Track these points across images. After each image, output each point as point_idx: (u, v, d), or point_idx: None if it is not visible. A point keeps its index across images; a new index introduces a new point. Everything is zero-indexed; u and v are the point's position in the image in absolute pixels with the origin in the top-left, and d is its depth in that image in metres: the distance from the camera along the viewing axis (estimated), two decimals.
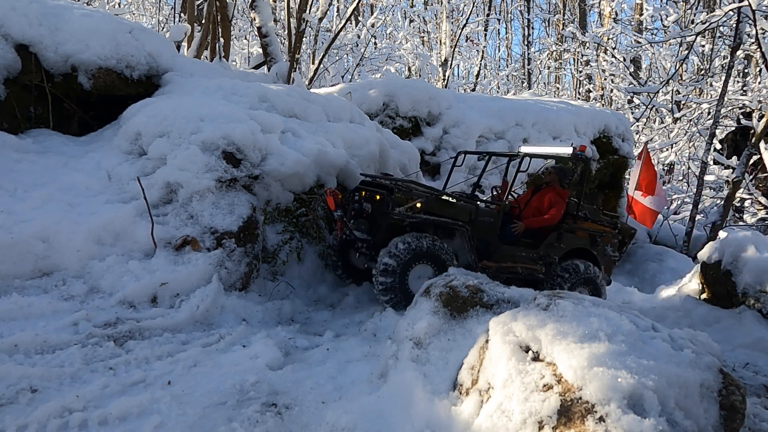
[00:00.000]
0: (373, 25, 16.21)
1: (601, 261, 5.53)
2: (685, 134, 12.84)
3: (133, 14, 17.75)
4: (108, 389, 2.83)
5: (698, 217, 10.54)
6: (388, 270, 4.37)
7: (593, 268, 5.37)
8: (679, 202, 12.54)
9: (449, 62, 16.58)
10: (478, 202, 5.16)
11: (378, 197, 4.73)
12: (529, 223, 5.24)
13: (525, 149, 5.55)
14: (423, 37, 21.02)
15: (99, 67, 5.31)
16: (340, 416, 2.81)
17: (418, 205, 4.60)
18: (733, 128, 12.21)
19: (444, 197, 4.89)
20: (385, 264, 4.38)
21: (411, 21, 19.58)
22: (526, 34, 22.11)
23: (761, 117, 9.68)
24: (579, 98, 19.14)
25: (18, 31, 4.97)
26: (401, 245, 4.41)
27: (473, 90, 18.44)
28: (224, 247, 4.33)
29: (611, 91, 17.74)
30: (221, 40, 9.74)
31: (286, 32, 11.80)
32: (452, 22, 17.72)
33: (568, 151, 5.11)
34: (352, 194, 5.05)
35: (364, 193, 4.92)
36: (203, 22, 9.43)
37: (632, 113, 14.81)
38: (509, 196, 5.48)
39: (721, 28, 11.11)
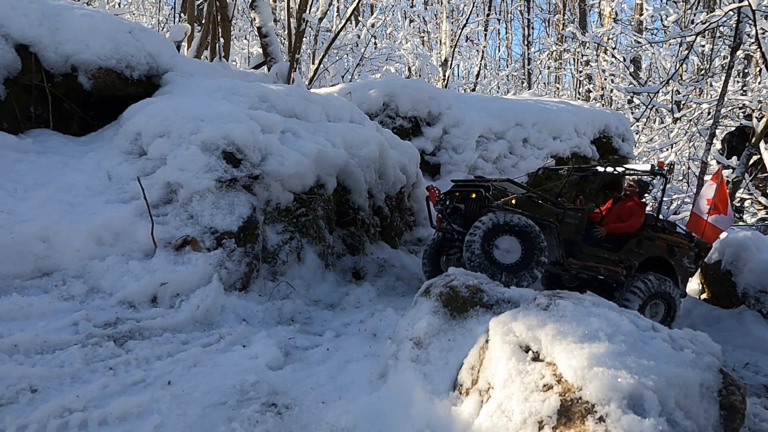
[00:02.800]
0: (373, 25, 16.20)
1: (678, 271, 5.69)
2: (685, 134, 12.82)
3: (133, 14, 17.74)
4: (108, 389, 2.83)
5: None
6: (472, 239, 4.71)
7: (669, 282, 5.45)
8: (679, 202, 12.52)
9: (449, 62, 16.57)
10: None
11: (473, 195, 5.19)
12: (610, 228, 5.60)
13: (607, 168, 5.92)
14: (423, 37, 21.00)
15: (99, 67, 5.31)
16: (340, 416, 2.81)
17: (514, 201, 5.04)
18: (731, 129, 12.20)
19: (534, 198, 5.34)
20: (470, 233, 4.75)
21: (411, 21, 19.56)
22: (526, 34, 22.11)
23: (761, 117, 9.67)
24: (579, 98, 19.13)
25: (18, 31, 4.96)
26: (485, 217, 4.80)
27: (473, 90, 18.42)
28: (224, 247, 4.33)
29: (611, 91, 17.73)
30: (221, 40, 9.74)
31: (286, 32, 11.79)
32: (452, 22, 17.72)
33: (646, 167, 5.55)
34: (445, 196, 5.49)
35: (458, 194, 5.38)
36: (203, 22, 9.43)
37: (632, 113, 14.80)
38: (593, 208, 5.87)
39: (721, 28, 11.09)
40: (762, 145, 8.66)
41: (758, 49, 9.14)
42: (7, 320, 3.19)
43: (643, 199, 6.02)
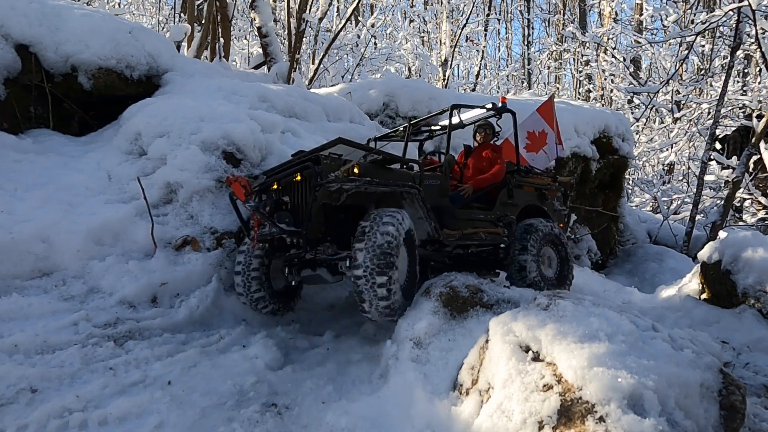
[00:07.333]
0: (373, 25, 16.20)
1: (552, 216, 5.23)
2: (685, 134, 12.84)
3: (133, 14, 17.74)
4: (108, 389, 2.83)
5: (698, 217, 10.53)
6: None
7: (547, 223, 4.95)
8: (679, 202, 12.53)
9: (449, 62, 16.57)
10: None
11: (299, 177, 3.70)
12: (476, 182, 4.78)
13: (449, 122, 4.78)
14: (423, 37, 21.00)
15: (99, 67, 5.32)
16: (340, 417, 2.81)
17: (356, 169, 3.64)
18: (736, 127, 12.21)
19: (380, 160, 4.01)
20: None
21: (411, 21, 19.57)
22: (526, 34, 22.14)
23: (761, 117, 9.69)
24: (579, 98, 19.14)
25: (18, 31, 4.97)
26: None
27: (473, 90, 18.42)
28: (224, 247, 4.33)
29: (611, 91, 17.73)
30: (221, 40, 9.74)
31: (286, 32, 11.80)
32: (452, 22, 17.72)
33: (488, 107, 4.82)
34: (258, 195, 3.88)
35: (276, 185, 3.83)
36: (203, 22, 9.43)
37: (632, 113, 14.80)
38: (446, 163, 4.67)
39: (721, 28, 11.10)
40: (762, 145, 8.67)
41: (758, 49, 9.15)
42: (7, 320, 3.20)
43: (495, 141, 5.26)
